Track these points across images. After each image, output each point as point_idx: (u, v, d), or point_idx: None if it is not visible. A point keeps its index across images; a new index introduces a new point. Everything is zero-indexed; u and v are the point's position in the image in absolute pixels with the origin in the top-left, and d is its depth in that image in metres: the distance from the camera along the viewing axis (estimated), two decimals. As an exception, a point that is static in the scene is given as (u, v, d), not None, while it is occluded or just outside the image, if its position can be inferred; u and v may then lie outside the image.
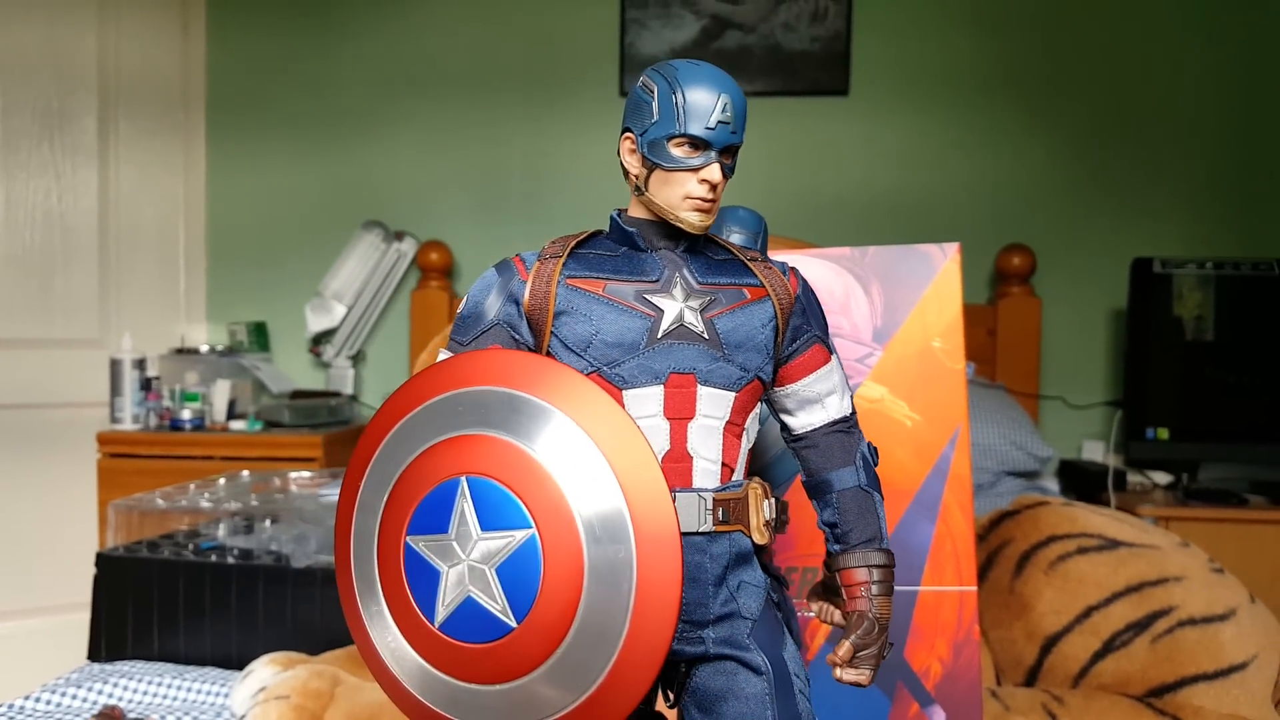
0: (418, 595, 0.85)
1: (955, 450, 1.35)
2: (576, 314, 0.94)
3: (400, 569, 0.85)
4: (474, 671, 0.83)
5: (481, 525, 0.84)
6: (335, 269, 3.37)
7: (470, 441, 0.85)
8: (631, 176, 0.97)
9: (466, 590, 0.83)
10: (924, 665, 1.35)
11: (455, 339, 0.98)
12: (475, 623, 0.83)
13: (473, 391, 0.87)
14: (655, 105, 0.93)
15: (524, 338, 0.96)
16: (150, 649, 2.02)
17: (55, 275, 3.26)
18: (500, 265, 0.99)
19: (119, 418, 3.09)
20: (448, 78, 3.52)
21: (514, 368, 0.87)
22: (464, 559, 0.84)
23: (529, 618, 0.81)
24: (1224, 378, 2.95)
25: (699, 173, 0.93)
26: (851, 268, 1.40)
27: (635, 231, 0.97)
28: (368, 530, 0.89)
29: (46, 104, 3.24)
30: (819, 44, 3.37)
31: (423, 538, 0.85)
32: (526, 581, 0.81)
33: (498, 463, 0.84)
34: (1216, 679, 1.52)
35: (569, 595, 0.81)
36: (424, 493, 0.86)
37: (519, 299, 0.95)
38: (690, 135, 0.92)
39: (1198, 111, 3.29)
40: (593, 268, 0.96)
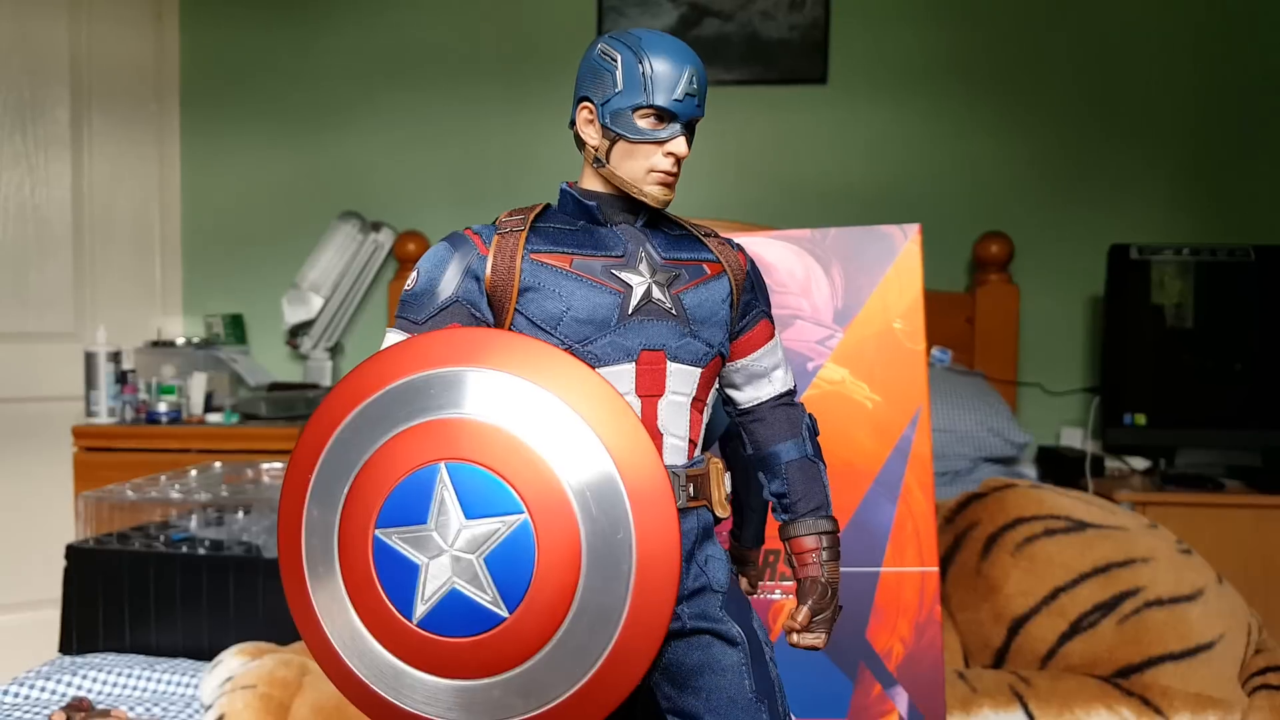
0: (391, 591, 0.80)
1: (916, 431, 1.35)
2: (544, 290, 0.91)
3: (369, 565, 0.80)
4: (459, 667, 0.80)
5: (466, 513, 0.80)
6: (312, 260, 3.36)
7: (445, 425, 0.81)
8: (589, 148, 0.94)
9: (451, 582, 0.80)
10: (886, 646, 1.35)
11: (407, 318, 0.92)
12: (461, 616, 0.79)
13: (445, 373, 0.82)
14: (619, 74, 0.90)
15: (484, 315, 0.92)
16: (122, 641, 2.01)
17: (29, 268, 3.24)
18: (453, 239, 0.94)
19: (95, 411, 3.07)
20: (424, 67, 3.50)
21: (490, 346, 0.83)
22: (447, 549, 0.80)
23: (522, 606, 0.79)
24: (1200, 363, 2.96)
25: (664, 145, 0.91)
26: (812, 249, 1.40)
27: (595, 205, 0.95)
28: (324, 525, 0.83)
29: (18, 95, 3.22)
30: (797, 32, 3.36)
31: (396, 530, 0.80)
32: (519, 569, 0.79)
33: (479, 446, 0.80)
34: (1184, 659, 1.53)
35: (566, 580, 0.79)
36: (394, 482, 0.81)
37: (479, 275, 0.91)
38: (657, 106, 0.90)
39: (1174, 99, 3.30)
40: (555, 242, 0.93)
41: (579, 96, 0.94)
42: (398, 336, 0.92)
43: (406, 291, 0.93)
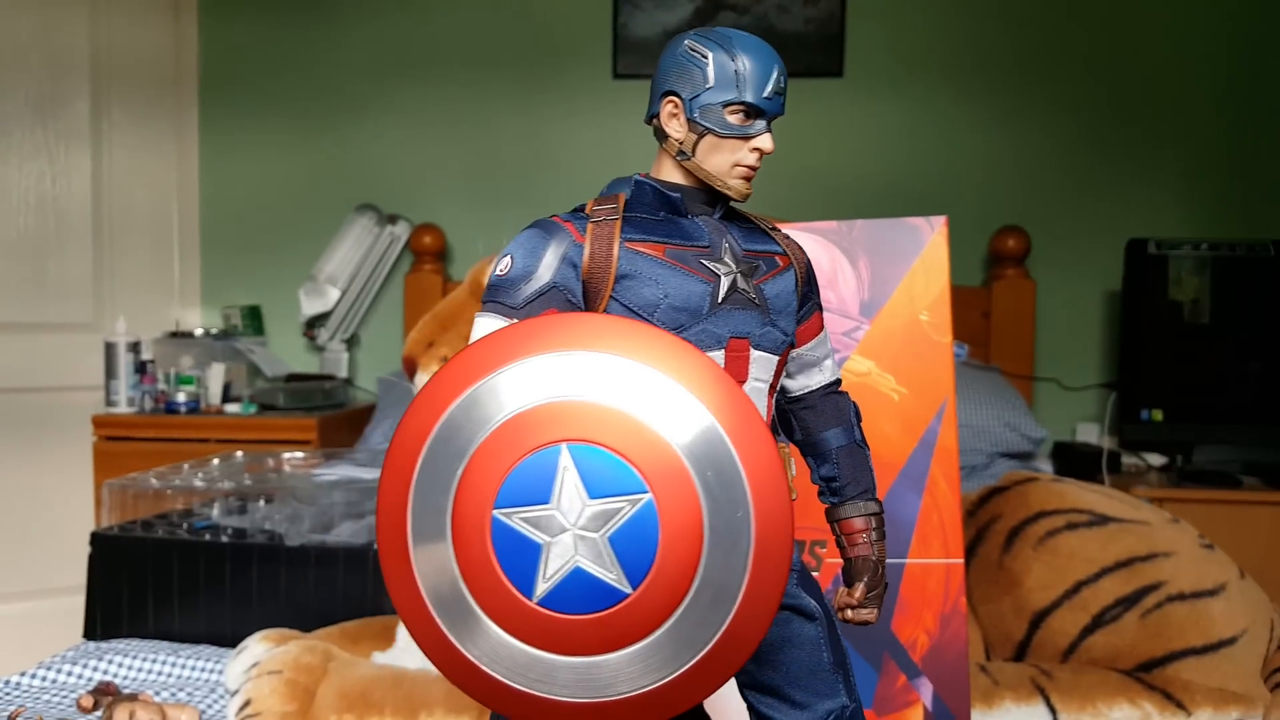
0: (510, 571, 0.80)
1: (942, 423, 1.36)
2: (642, 278, 0.92)
3: (487, 546, 0.81)
4: (580, 644, 0.81)
5: (589, 493, 0.81)
6: (329, 253, 3.37)
7: (563, 407, 0.81)
8: (672, 140, 0.95)
9: (575, 561, 0.81)
10: (911, 637, 1.35)
11: (502, 302, 0.92)
12: (584, 593, 0.80)
13: (558, 356, 0.83)
14: (710, 71, 0.92)
15: (578, 301, 0.92)
16: (145, 627, 2.02)
17: (49, 259, 3.25)
18: (544, 226, 0.94)
19: (114, 401, 3.09)
20: (440, 61, 3.51)
21: (603, 329, 0.84)
22: (570, 528, 0.81)
23: (645, 583, 0.80)
24: (1218, 359, 2.96)
25: (751, 141, 0.94)
26: (838, 241, 1.40)
27: (679, 197, 0.96)
28: (435, 508, 0.82)
29: (39, 88, 3.23)
30: (813, 25, 3.36)
31: (516, 510, 0.81)
32: (643, 547, 0.80)
33: (600, 427, 0.81)
34: (1206, 653, 1.53)
35: (688, 557, 0.80)
36: (512, 464, 0.81)
37: (576, 262, 0.92)
38: (748, 103, 0.92)
39: (1193, 93, 3.28)
40: (647, 231, 0.94)
41: (664, 90, 0.94)
42: (493, 321, 0.92)
43: (498, 277, 0.93)
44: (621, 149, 3.46)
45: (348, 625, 1.85)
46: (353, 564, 1.95)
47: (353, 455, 2.54)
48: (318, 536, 2.01)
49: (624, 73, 3.43)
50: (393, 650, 1.77)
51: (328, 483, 2.19)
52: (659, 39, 3.39)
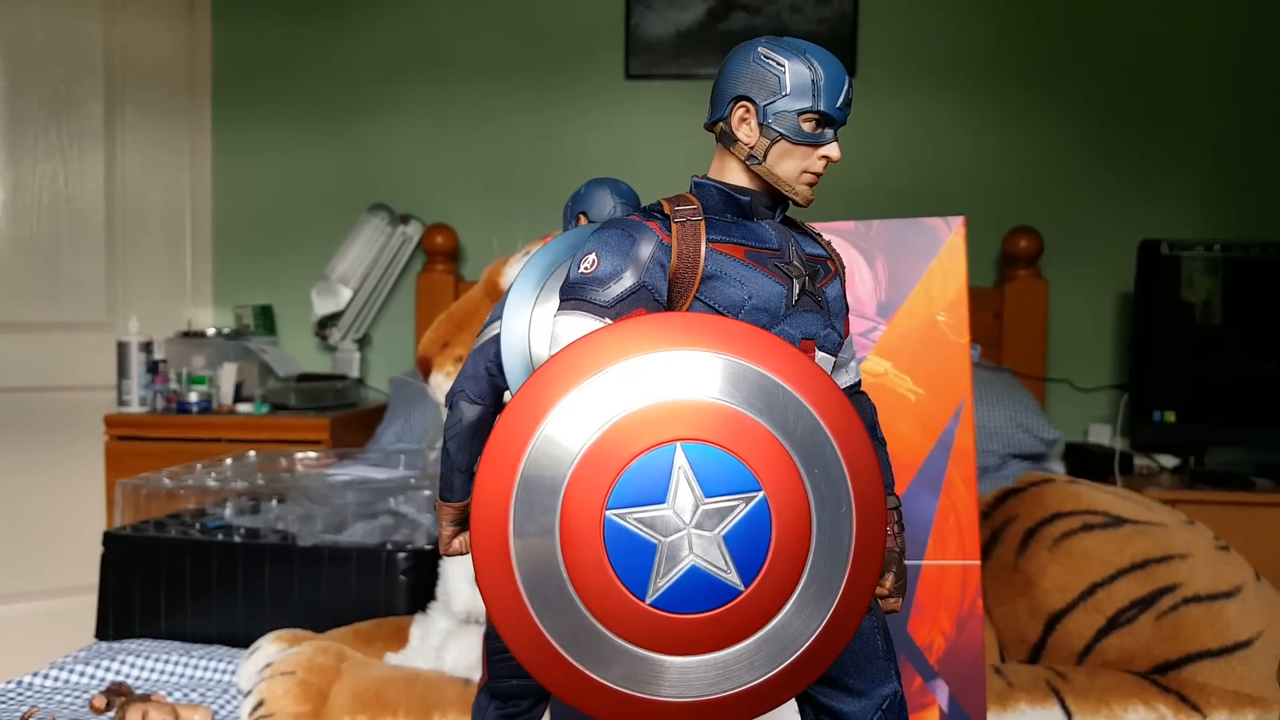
0: (624, 573, 0.80)
1: (959, 424, 1.35)
2: (728, 278, 0.94)
3: (599, 546, 0.80)
4: (691, 643, 0.81)
5: (704, 491, 0.81)
6: (341, 252, 3.37)
7: (673, 407, 0.81)
8: (741, 144, 0.96)
9: (691, 559, 0.80)
10: (927, 639, 1.35)
11: (590, 300, 0.92)
12: (698, 592, 0.80)
13: (665, 355, 0.83)
14: (786, 79, 0.93)
15: (664, 301, 0.93)
16: (158, 628, 2.03)
17: (62, 259, 3.27)
18: (629, 225, 0.94)
19: (126, 400, 3.10)
20: (453, 61, 3.51)
21: (705, 329, 0.84)
22: (686, 527, 0.81)
23: (758, 579, 0.81)
24: (1231, 361, 2.94)
25: (820, 149, 0.95)
26: (856, 241, 1.40)
27: (749, 200, 0.98)
28: (543, 508, 0.81)
29: (53, 89, 3.25)
30: (826, 25, 3.35)
31: (631, 510, 0.80)
32: (756, 544, 0.81)
33: (711, 426, 0.81)
34: (1221, 656, 1.52)
35: (798, 552, 0.82)
36: (624, 464, 0.80)
37: (664, 262, 0.93)
38: (821, 112, 0.94)
39: (1206, 93, 3.27)
40: (725, 233, 0.96)
41: (735, 95, 0.95)
42: (581, 319, 0.92)
43: (582, 274, 0.93)
44: (634, 149, 3.46)
45: (361, 626, 1.86)
46: (366, 564, 1.96)
47: (365, 455, 2.54)
48: (330, 537, 2.01)
49: (636, 73, 3.43)
50: (406, 651, 1.77)
51: (340, 483, 2.20)
52: (671, 39, 3.39)
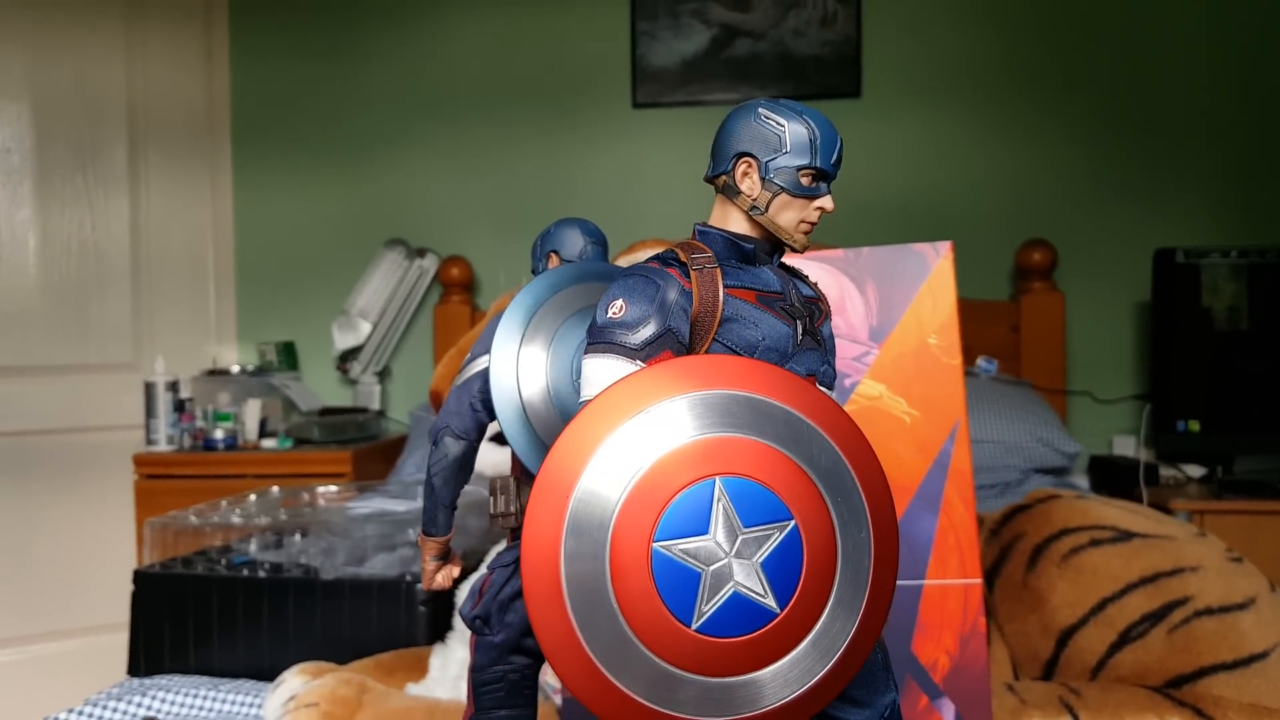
0: (671, 601, 0.85)
1: (955, 444, 1.37)
2: (744, 321, 1.00)
3: (648, 577, 0.85)
4: (733, 665, 0.86)
5: (743, 522, 0.86)
6: (360, 287, 3.43)
7: (711, 443, 0.87)
8: (744, 196, 1.04)
9: (734, 587, 0.86)
10: (931, 658, 1.36)
11: (621, 344, 0.97)
12: (739, 617, 0.86)
13: (701, 395, 0.89)
14: (786, 138, 1.01)
15: (686, 343, 0.99)
16: (187, 663, 2.06)
17: (90, 302, 3.34)
18: (652, 272, 1.00)
19: (154, 439, 3.16)
20: (464, 97, 3.57)
21: (743, 372, 0.91)
22: (728, 556, 0.86)
23: (793, 602, 0.87)
24: (1254, 367, 2.92)
25: (816, 201, 1.04)
26: (846, 269, 1.43)
27: (752, 248, 1.05)
28: (592, 544, 0.86)
29: (78, 137, 3.34)
30: (829, 48, 3.38)
31: (676, 542, 0.85)
32: (790, 569, 0.87)
33: (745, 460, 0.87)
34: (1236, 668, 1.52)
35: (826, 576, 0.88)
36: (669, 498, 0.86)
37: (686, 307, 0.98)
38: (818, 168, 1.02)
39: (1216, 100, 3.27)
40: (734, 278, 1.02)
41: (738, 152, 1.03)
42: (614, 362, 0.96)
43: (612, 319, 0.98)
44: (642, 175, 3.50)
45: (382, 657, 1.88)
46: (386, 596, 1.98)
47: (385, 488, 2.57)
48: (352, 569, 2.04)
49: (643, 101, 3.47)
50: (426, 681, 1.80)
51: (361, 516, 2.23)
52: (677, 67, 3.44)
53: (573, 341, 1.15)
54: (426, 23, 3.58)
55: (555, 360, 1.14)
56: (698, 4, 3.42)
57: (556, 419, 1.13)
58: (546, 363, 1.14)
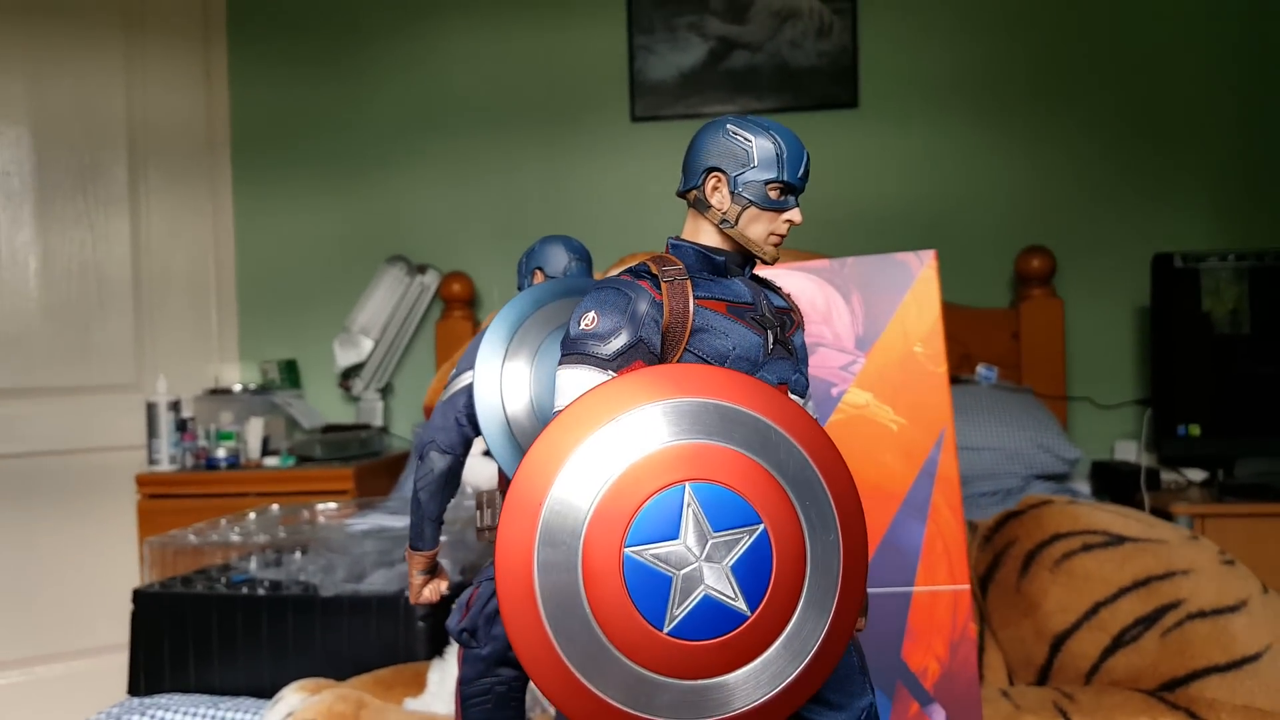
0: (643, 605, 0.86)
1: (942, 451, 1.37)
2: (714, 331, 1.02)
3: (620, 583, 0.86)
4: (706, 667, 0.87)
5: (713, 526, 0.88)
6: (361, 304, 3.45)
7: (680, 450, 0.89)
8: (714, 210, 1.06)
9: (704, 590, 0.87)
10: (922, 665, 1.36)
11: (593, 354, 0.99)
12: (710, 620, 0.87)
13: (670, 403, 0.91)
14: (754, 153, 1.04)
15: (658, 353, 1.01)
16: (187, 681, 2.07)
17: (91, 323, 3.36)
18: (623, 285, 1.02)
19: (156, 459, 3.17)
20: (463, 113, 3.59)
21: (700, 378, 0.93)
22: (698, 560, 0.88)
23: (762, 604, 0.88)
24: (1254, 371, 2.92)
25: (784, 214, 1.06)
26: (831, 279, 1.43)
27: (723, 260, 1.07)
28: (565, 552, 0.87)
29: (79, 159, 3.36)
30: (826, 59, 3.40)
31: (647, 547, 0.87)
32: (759, 572, 0.88)
33: (716, 466, 0.89)
34: (1229, 670, 1.52)
35: (795, 578, 0.90)
36: (639, 504, 0.87)
37: (657, 318, 1.01)
38: (785, 182, 1.04)
39: (1212, 103, 3.27)
40: (705, 289, 1.05)
41: (708, 167, 1.05)
42: (585, 372, 0.99)
43: (584, 331, 1.00)
44: (642, 189, 3.51)
45: (380, 673, 1.89)
46: (385, 612, 1.99)
47: (384, 504, 2.58)
48: (351, 586, 2.05)
49: (642, 115, 3.49)
50: (424, 696, 1.80)
51: (360, 532, 2.24)
52: (675, 80, 3.46)
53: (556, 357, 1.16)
54: (425, 40, 3.61)
55: (539, 375, 1.15)
56: (694, 17, 3.44)
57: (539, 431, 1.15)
58: (530, 378, 1.15)
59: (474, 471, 2.00)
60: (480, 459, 2.01)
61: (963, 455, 2.76)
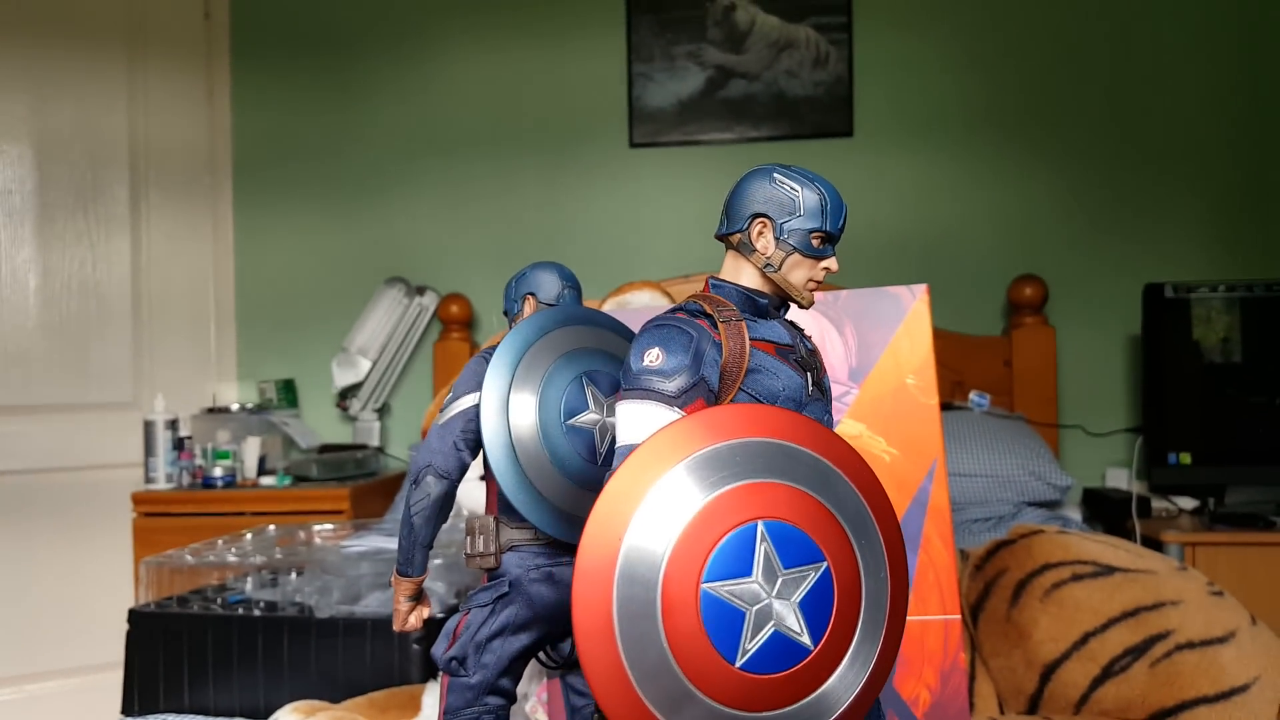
0: (717, 640, 0.88)
1: (933, 483, 1.39)
2: (767, 372, 1.05)
3: (697, 617, 0.88)
4: (772, 699, 0.89)
5: (783, 564, 0.91)
6: (359, 325, 3.47)
7: (752, 489, 0.92)
8: (758, 254, 1.09)
9: (774, 626, 0.89)
10: (913, 694, 1.37)
11: (658, 390, 1.01)
12: (777, 654, 0.89)
13: (742, 443, 0.94)
14: (800, 202, 1.08)
15: (715, 392, 1.04)
16: (181, 701, 2.07)
17: (90, 341, 3.38)
18: (685, 323, 1.04)
19: (153, 478, 3.18)
20: (463, 137, 3.62)
21: (777, 422, 0.96)
22: (769, 597, 0.90)
23: (824, 639, 0.91)
24: (1245, 400, 2.95)
25: (822, 261, 1.10)
26: (825, 310, 1.46)
27: (766, 302, 1.11)
28: (644, 585, 0.89)
29: (80, 178, 3.38)
30: (822, 88, 3.44)
31: (723, 583, 0.89)
32: (822, 607, 0.92)
33: (785, 505, 0.92)
34: (1218, 701, 1.53)
35: (852, 614, 0.93)
36: (716, 541, 0.89)
37: (716, 358, 1.03)
38: (827, 232, 1.08)
39: (1203, 136, 3.31)
40: (754, 331, 1.08)
41: (755, 213, 1.09)
42: (653, 408, 1.00)
43: (648, 367, 1.02)
44: (639, 215, 3.54)
45: (375, 695, 1.89)
46: (380, 634, 1.99)
47: (380, 526, 2.59)
48: (346, 608, 2.06)
49: (640, 141, 3.53)
50: (418, 719, 1.81)
51: (356, 554, 2.24)
52: (673, 108, 3.49)
53: (561, 383, 1.18)
54: (427, 65, 3.64)
55: (545, 401, 1.16)
56: (692, 46, 3.48)
57: (546, 459, 1.15)
58: (536, 404, 1.16)
59: (471, 497, 2.01)
60: (475, 483, 2.02)
61: (955, 482, 2.78)
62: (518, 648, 1.17)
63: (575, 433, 1.16)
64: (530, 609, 1.17)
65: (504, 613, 1.17)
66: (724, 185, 1.16)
